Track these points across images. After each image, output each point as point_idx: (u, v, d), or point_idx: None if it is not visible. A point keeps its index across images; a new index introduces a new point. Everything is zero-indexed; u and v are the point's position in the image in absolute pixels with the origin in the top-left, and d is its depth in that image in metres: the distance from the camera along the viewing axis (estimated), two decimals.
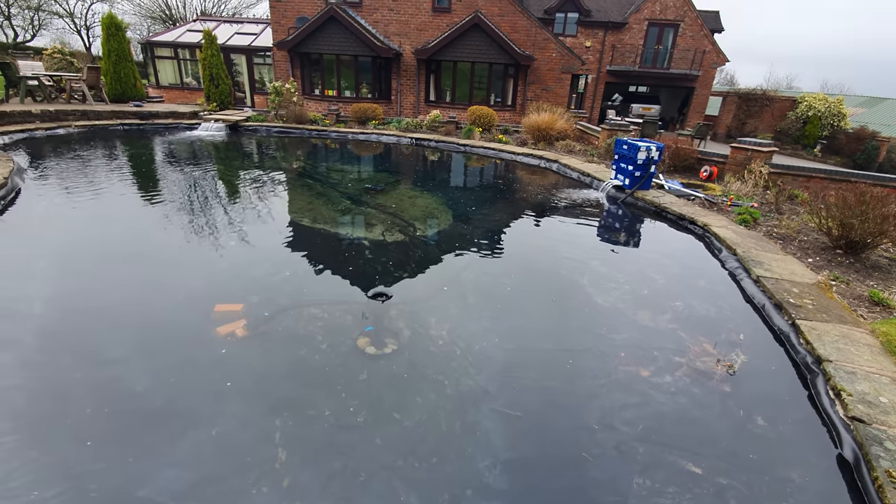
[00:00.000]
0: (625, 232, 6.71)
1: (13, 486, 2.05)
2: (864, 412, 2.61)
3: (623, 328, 3.74)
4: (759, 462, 2.47)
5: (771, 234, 6.06)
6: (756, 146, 8.79)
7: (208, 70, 14.72)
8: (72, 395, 2.64)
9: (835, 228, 5.36)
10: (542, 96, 16.21)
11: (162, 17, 33.67)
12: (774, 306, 4.02)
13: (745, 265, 4.84)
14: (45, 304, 3.55)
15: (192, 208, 6.16)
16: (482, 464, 2.33)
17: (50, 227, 5.20)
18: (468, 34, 15.21)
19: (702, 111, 21.33)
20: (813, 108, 19.24)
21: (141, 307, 3.61)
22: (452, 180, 9.65)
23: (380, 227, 5.89)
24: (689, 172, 10.01)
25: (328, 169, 9.72)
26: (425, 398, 2.78)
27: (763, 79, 62.58)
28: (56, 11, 34.50)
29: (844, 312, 3.86)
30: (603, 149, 11.46)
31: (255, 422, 2.51)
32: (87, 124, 11.79)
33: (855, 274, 4.88)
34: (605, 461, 2.40)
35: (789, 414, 2.88)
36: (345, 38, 15.33)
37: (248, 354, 3.10)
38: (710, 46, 20.17)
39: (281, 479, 2.16)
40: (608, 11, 20.78)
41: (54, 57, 16.10)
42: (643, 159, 7.57)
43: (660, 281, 4.76)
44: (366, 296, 3.94)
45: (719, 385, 3.09)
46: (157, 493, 2.06)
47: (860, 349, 3.28)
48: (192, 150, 10.57)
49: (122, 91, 14.93)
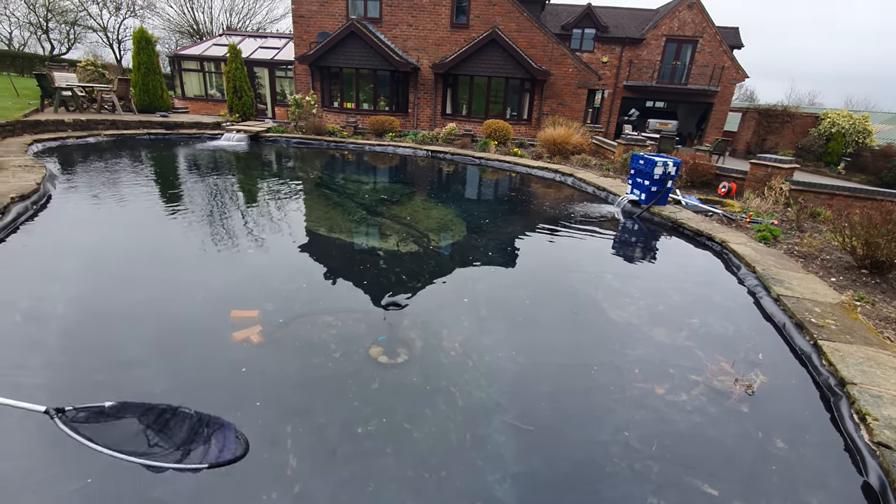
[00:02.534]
0: (640, 247, 6.64)
1: (36, 480, 2.10)
2: (891, 438, 2.51)
3: (637, 344, 3.68)
4: (778, 486, 2.39)
5: (792, 251, 5.92)
6: (776, 162, 8.65)
7: (232, 82, 15.21)
8: (92, 397, 2.71)
9: (859, 247, 5.22)
10: (558, 111, 16.27)
11: (189, 32, 35.01)
12: (795, 326, 3.91)
13: (765, 283, 4.74)
14: (68, 304, 3.66)
15: (213, 216, 6.32)
16: (492, 477, 2.31)
17: (78, 231, 5.38)
18: (485, 49, 15.43)
19: (720, 127, 21.13)
20: (837, 124, 18.89)
21: (161, 310, 3.69)
22: (467, 192, 9.70)
23: (394, 237, 5.94)
24: (707, 188, 9.89)
25: (345, 179, 9.87)
26: (436, 409, 2.77)
27: (784, 95, 61.78)
28: (91, 26, 36.18)
29: (870, 334, 3.74)
30: (619, 163, 11.41)
31: (267, 427, 2.53)
32: (116, 133, 12.23)
33: (881, 295, 4.73)
34: (618, 479, 2.36)
35: (811, 437, 2.79)
36: (364, 52, 15.69)
37: (263, 360, 3.14)
38: (729, 62, 20.05)
39: (292, 486, 2.17)
40: (625, 27, 20.88)
41: (87, 69, 16.82)
42: (660, 174, 7.51)
43: (676, 297, 4.68)
44: (381, 305, 3.97)
45: (737, 405, 3.01)
46: (169, 494, 2.09)
47: (887, 372, 3.17)
48: (214, 159, 10.87)
49: (150, 102, 15.49)
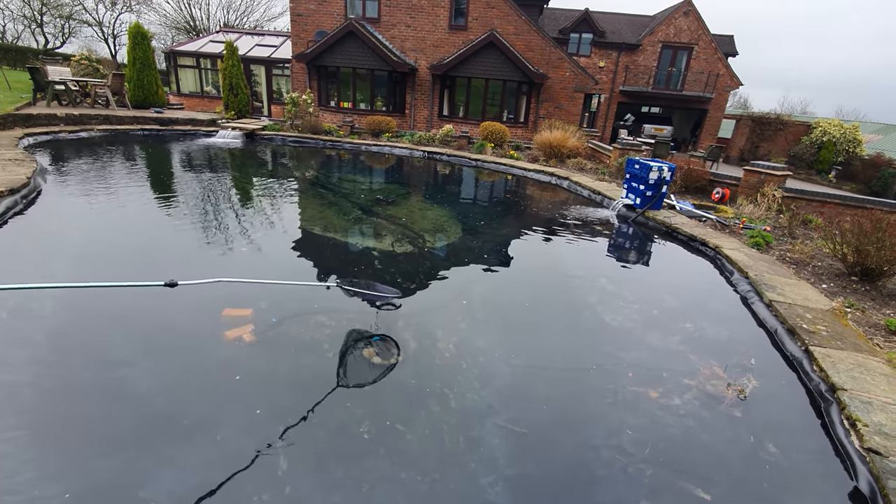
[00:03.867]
0: (635, 251, 6.67)
1: (19, 481, 2.06)
2: (881, 444, 2.53)
3: (631, 348, 3.69)
4: (770, 490, 2.40)
5: (784, 258, 5.98)
6: (770, 170, 8.74)
7: (228, 79, 15.11)
8: (79, 395, 2.66)
9: (850, 255, 5.28)
10: (554, 114, 16.33)
11: (186, 28, 34.77)
12: (787, 331, 3.94)
13: (758, 289, 4.77)
14: (56, 302, 3.60)
15: (206, 213, 6.26)
16: (485, 479, 2.30)
17: (67, 227, 5.31)
18: (483, 51, 15.46)
19: (714, 133, 21.32)
20: (828, 133, 19.12)
21: (151, 308, 3.65)
22: (463, 194, 9.70)
23: (389, 237, 5.92)
24: (701, 194, 9.97)
25: (340, 179, 9.84)
26: (429, 411, 2.76)
27: (777, 103, 62.44)
28: (86, 20, 35.81)
29: (860, 340, 3.78)
30: (614, 167, 11.47)
31: (259, 427, 2.50)
32: (109, 129, 12.10)
33: (871, 302, 4.78)
34: (611, 483, 2.35)
35: (802, 442, 2.80)
36: (362, 52, 15.66)
37: (255, 359, 3.11)
38: (723, 70, 20.25)
39: (283, 487, 2.15)
40: (622, 33, 21.03)
41: (81, 63, 16.61)
42: (655, 179, 7.56)
43: (669, 302, 4.70)
44: (375, 305, 3.95)
45: (730, 410, 3.02)
46: (158, 494, 2.06)
47: (876, 379, 3.20)
48: (208, 156, 10.78)
49: (145, 97, 15.33)
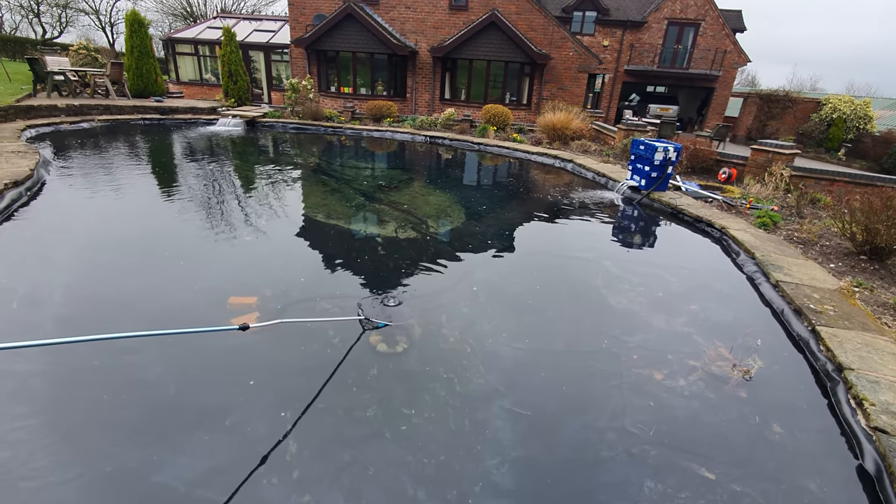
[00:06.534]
0: (640, 233, 6.61)
1: (34, 468, 2.11)
2: (888, 423, 2.53)
3: (636, 330, 3.68)
4: (775, 470, 2.41)
5: (791, 238, 5.91)
6: (777, 148, 8.58)
7: (227, 67, 14.95)
8: (89, 382, 2.70)
9: (859, 234, 5.21)
10: (557, 95, 16.08)
11: (183, 14, 34.29)
12: (794, 311, 3.92)
13: (764, 269, 4.73)
14: (64, 291, 3.63)
15: (209, 202, 6.26)
16: (491, 462, 2.32)
17: (72, 218, 5.33)
18: (484, 32, 15.16)
19: (721, 112, 20.92)
20: (838, 110, 18.72)
21: (157, 296, 3.67)
22: (466, 179, 9.63)
23: (393, 223, 5.91)
24: (708, 174, 9.84)
25: (342, 165, 9.78)
26: (435, 395, 2.78)
27: (786, 80, 61.05)
28: (82, 9, 35.43)
29: (868, 320, 3.75)
30: (619, 149, 11.32)
31: (266, 413, 2.53)
32: (110, 119, 12.06)
33: (880, 281, 4.73)
34: (615, 463, 2.37)
35: (808, 422, 2.80)
36: (361, 35, 15.41)
37: (260, 347, 3.14)
38: (731, 46, 19.77)
39: (291, 471, 2.18)
40: (627, 10, 20.51)
41: (80, 53, 16.48)
42: (660, 160, 7.45)
43: (675, 283, 4.68)
44: (379, 292, 3.95)
45: (735, 390, 3.02)
46: (171, 478, 2.10)
47: (884, 358, 3.18)
48: (209, 144, 10.74)
49: (144, 86, 15.23)
